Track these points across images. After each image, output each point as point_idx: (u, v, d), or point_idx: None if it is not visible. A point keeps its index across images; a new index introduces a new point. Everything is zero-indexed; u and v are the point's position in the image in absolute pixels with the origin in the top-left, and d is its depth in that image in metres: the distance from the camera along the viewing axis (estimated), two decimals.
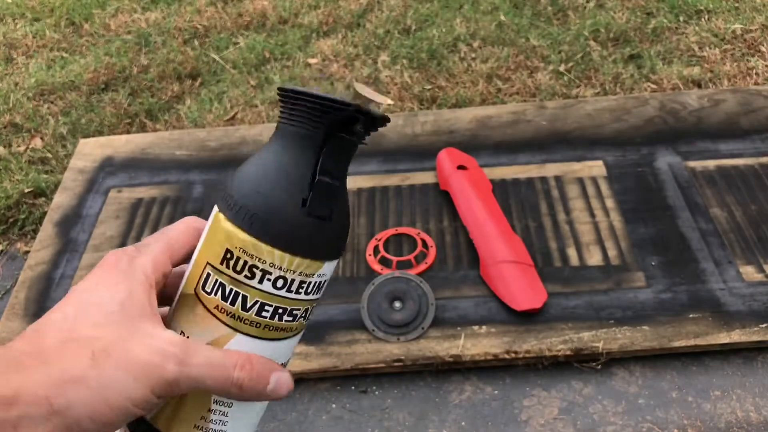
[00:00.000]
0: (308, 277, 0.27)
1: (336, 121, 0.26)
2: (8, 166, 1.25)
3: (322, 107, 0.26)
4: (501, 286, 0.88)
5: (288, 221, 0.26)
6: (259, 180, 0.26)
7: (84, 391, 0.24)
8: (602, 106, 1.18)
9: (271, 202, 0.26)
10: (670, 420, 0.78)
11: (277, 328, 0.28)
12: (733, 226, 0.95)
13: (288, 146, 0.27)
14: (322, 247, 0.27)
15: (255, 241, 0.26)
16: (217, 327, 0.27)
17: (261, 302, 0.27)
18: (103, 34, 1.62)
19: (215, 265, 0.27)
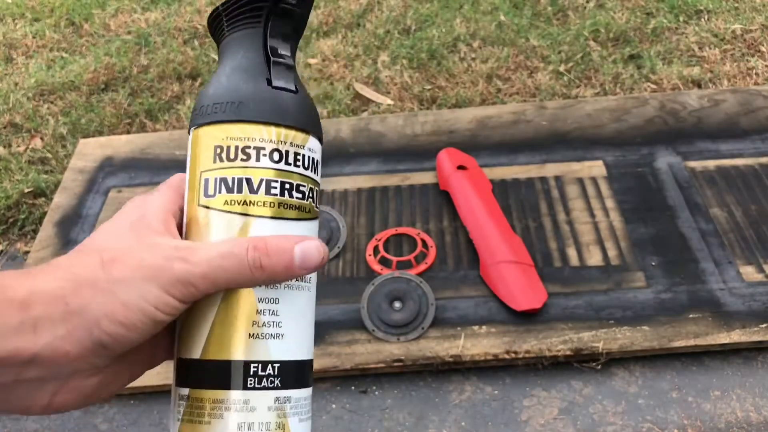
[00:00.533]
0: (299, 148, 0.28)
1: (268, 2, 0.28)
2: (8, 166, 1.25)
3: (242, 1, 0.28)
4: (501, 286, 0.88)
5: (260, 97, 0.28)
6: (223, 82, 0.28)
7: (98, 292, 0.24)
8: (602, 106, 1.18)
9: (241, 90, 0.28)
10: (670, 420, 0.78)
11: (290, 205, 0.28)
12: (733, 226, 0.95)
13: (236, 49, 0.29)
14: (300, 117, 0.28)
15: (238, 125, 0.27)
16: (232, 222, 0.27)
17: (266, 180, 0.27)
18: (103, 35, 1.62)
19: (209, 168, 0.28)
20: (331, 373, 0.84)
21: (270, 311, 0.27)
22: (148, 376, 0.87)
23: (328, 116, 1.29)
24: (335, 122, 1.22)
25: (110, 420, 0.82)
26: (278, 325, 0.27)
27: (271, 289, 0.27)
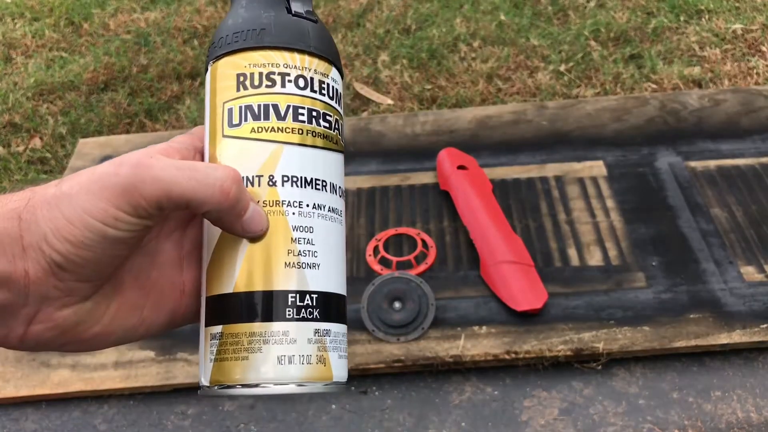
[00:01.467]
0: (324, 77, 0.28)
1: None
2: (7, 166, 1.25)
3: None
4: (501, 286, 0.88)
5: (282, 23, 0.27)
6: (242, 13, 0.27)
7: (45, 206, 0.23)
8: (602, 106, 1.18)
9: (262, 18, 0.27)
10: (670, 420, 0.78)
11: (318, 134, 0.27)
12: (734, 226, 0.95)
13: None
14: (321, 44, 0.28)
15: (261, 51, 0.27)
16: (261, 149, 0.26)
17: (293, 106, 0.26)
18: (102, 34, 1.62)
19: (232, 97, 0.27)
20: None
21: (305, 240, 0.26)
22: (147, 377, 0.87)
23: None
24: None
25: (109, 420, 0.82)
26: (314, 255, 0.26)
27: (305, 217, 0.26)
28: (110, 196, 0.22)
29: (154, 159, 0.23)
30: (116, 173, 0.23)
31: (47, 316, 0.24)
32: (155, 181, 0.23)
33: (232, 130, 0.26)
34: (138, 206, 0.23)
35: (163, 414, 0.82)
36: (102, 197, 0.22)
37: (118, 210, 0.23)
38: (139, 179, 0.23)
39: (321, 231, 0.27)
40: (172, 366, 0.83)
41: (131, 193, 0.23)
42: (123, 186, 0.23)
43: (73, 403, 0.83)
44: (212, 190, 0.23)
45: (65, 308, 0.24)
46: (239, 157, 0.26)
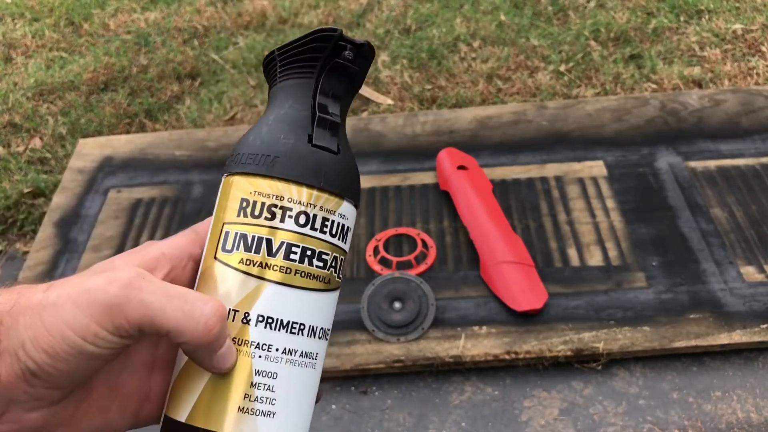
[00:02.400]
0: (330, 213, 0.26)
1: (324, 54, 0.27)
2: (7, 166, 1.25)
3: (308, 44, 0.27)
4: (501, 286, 0.88)
5: (297, 154, 0.26)
6: (263, 132, 0.27)
7: (28, 314, 0.23)
8: (603, 106, 1.18)
9: (279, 143, 0.26)
10: (670, 420, 0.78)
11: (308, 274, 0.26)
12: (734, 226, 0.95)
13: (284, 98, 0.27)
14: (336, 180, 0.27)
15: (269, 180, 0.26)
16: (245, 283, 0.25)
17: (287, 243, 0.26)
18: (102, 34, 1.62)
19: (232, 220, 0.26)
20: (331, 374, 0.83)
21: (266, 386, 0.25)
22: None
23: None
24: None
25: None
26: (272, 402, 0.25)
27: (271, 362, 0.25)
28: (95, 312, 0.22)
29: (145, 281, 0.23)
30: (105, 290, 0.22)
31: (14, 417, 0.24)
32: (142, 305, 0.23)
33: (224, 255, 0.26)
34: (120, 327, 0.23)
35: None
36: (86, 312, 0.22)
37: (99, 327, 0.22)
38: (125, 300, 0.22)
39: (286, 377, 0.26)
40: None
41: (116, 312, 0.22)
42: (109, 304, 0.22)
43: None
44: (196, 325, 0.23)
45: (33, 411, 0.24)
46: (224, 284, 0.26)
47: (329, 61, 0.27)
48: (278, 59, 0.27)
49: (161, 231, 1.03)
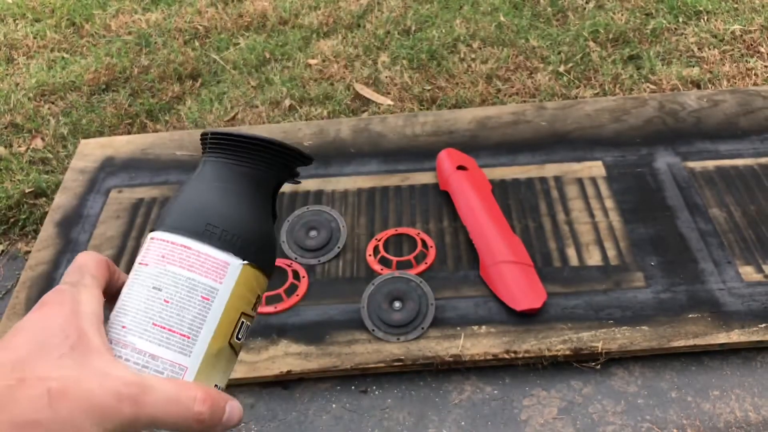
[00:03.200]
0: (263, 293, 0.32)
1: (290, 165, 0.32)
2: (9, 166, 1.26)
3: (280, 154, 0.31)
4: (501, 286, 0.88)
5: (273, 253, 0.32)
6: (254, 225, 0.31)
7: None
8: (602, 107, 1.18)
9: (267, 243, 0.31)
10: (669, 420, 0.78)
11: (241, 347, 0.31)
12: (732, 226, 0.95)
13: (253, 189, 0.31)
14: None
15: (265, 277, 0.31)
16: (232, 361, 0.30)
17: (248, 325, 0.30)
18: (103, 35, 1.63)
19: (248, 312, 0.30)
20: (331, 373, 0.84)
21: None
22: None
23: (329, 116, 1.30)
24: (335, 122, 1.22)
25: None
26: None
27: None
28: (109, 428, 0.24)
29: (148, 395, 0.25)
30: (119, 409, 0.24)
31: None
32: (148, 417, 0.25)
33: (236, 342, 0.30)
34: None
35: None
36: (102, 428, 0.24)
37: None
38: (139, 415, 0.24)
39: None
40: None
41: (128, 427, 0.24)
42: (122, 422, 0.24)
43: None
44: (192, 421, 0.26)
45: None
46: (229, 367, 0.30)
47: (287, 174, 0.33)
48: (250, 144, 0.31)
49: None
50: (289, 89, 1.37)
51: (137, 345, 0.26)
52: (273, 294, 0.90)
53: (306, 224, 1.00)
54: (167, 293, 0.27)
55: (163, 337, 0.27)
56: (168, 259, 0.28)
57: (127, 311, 0.28)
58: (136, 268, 0.30)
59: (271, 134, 1.21)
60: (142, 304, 0.27)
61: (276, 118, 1.32)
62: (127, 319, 0.27)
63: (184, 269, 0.28)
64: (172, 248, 0.28)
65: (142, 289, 0.28)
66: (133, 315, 0.27)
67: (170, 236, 0.28)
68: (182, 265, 0.28)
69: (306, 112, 1.32)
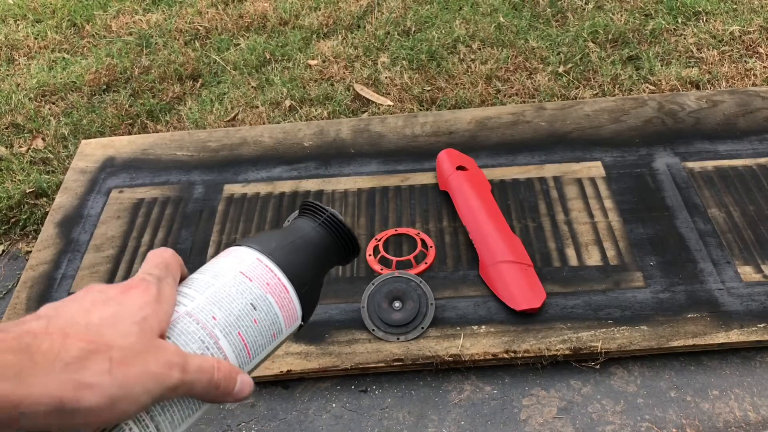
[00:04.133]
0: None
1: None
2: (10, 166, 1.26)
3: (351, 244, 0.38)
4: (500, 286, 0.88)
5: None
6: (317, 298, 0.37)
7: (95, 398, 0.25)
8: (601, 107, 1.19)
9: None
10: (668, 419, 0.79)
11: None
12: (731, 226, 0.96)
13: (325, 269, 0.38)
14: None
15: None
16: None
17: None
18: (104, 36, 1.63)
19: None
20: (331, 373, 0.84)
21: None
22: None
23: (329, 117, 1.30)
24: (335, 123, 1.22)
25: None
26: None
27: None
28: (157, 394, 0.27)
29: (189, 364, 0.29)
30: (169, 375, 0.28)
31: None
32: (186, 384, 0.28)
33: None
34: (168, 398, 0.29)
35: None
36: (153, 395, 0.27)
37: (153, 402, 0.28)
38: (182, 381, 0.28)
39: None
40: None
41: (172, 392, 0.28)
42: (169, 387, 0.28)
43: None
44: (213, 387, 0.30)
45: None
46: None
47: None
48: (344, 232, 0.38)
49: (163, 231, 1.04)
50: (290, 90, 1.38)
51: (220, 341, 0.31)
52: None
53: None
54: (259, 316, 0.32)
55: (238, 347, 0.31)
56: (270, 289, 0.33)
57: (221, 306, 0.31)
58: (237, 276, 0.33)
59: (272, 134, 1.21)
60: (236, 311, 0.32)
61: (276, 118, 1.32)
62: (220, 314, 0.31)
63: (277, 306, 0.33)
64: (276, 283, 0.33)
65: (240, 298, 0.32)
66: (226, 314, 0.31)
67: (277, 270, 0.34)
68: (278, 302, 0.33)
69: (306, 112, 1.32)
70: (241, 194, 1.09)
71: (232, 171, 1.14)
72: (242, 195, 1.09)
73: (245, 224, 1.03)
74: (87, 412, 0.25)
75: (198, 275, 0.33)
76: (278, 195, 1.08)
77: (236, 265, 0.33)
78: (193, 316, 0.30)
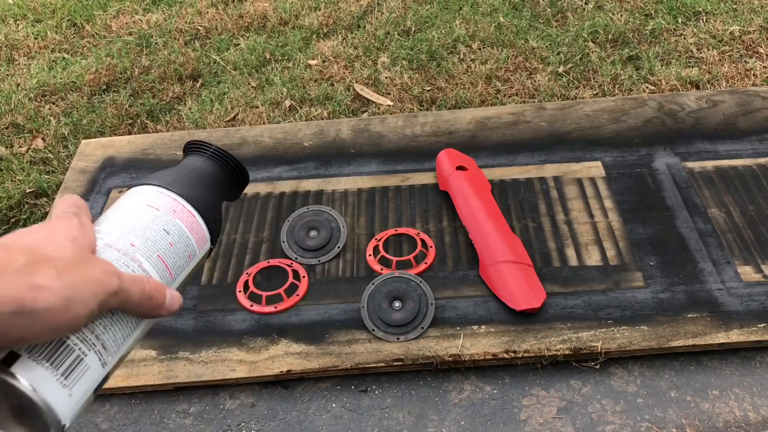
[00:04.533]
0: None
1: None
2: (10, 166, 1.26)
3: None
4: (500, 286, 0.88)
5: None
6: (221, 222, 0.43)
7: (52, 298, 0.28)
8: (601, 107, 1.19)
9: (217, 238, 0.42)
10: (668, 419, 0.79)
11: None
12: (731, 226, 0.96)
13: (226, 196, 0.43)
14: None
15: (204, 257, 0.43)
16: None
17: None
18: (104, 35, 1.63)
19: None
20: (331, 372, 0.84)
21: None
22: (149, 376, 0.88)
23: (329, 117, 1.30)
24: (335, 123, 1.22)
25: (111, 419, 0.82)
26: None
27: None
28: (102, 298, 0.31)
29: (125, 274, 0.32)
30: (109, 281, 0.31)
31: None
32: (123, 291, 0.32)
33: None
34: (108, 305, 0.32)
35: (165, 412, 0.82)
36: (98, 298, 0.31)
37: (98, 307, 0.31)
38: (120, 288, 0.32)
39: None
40: (174, 365, 0.84)
41: (112, 298, 0.32)
42: (111, 292, 0.31)
43: None
44: (146, 297, 0.34)
45: None
46: None
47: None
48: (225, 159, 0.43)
49: None
50: (290, 90, 1.38)
51: (143, 264, 0.34)
52: (273, 294, 0.90)
53: (306, 224, 1.00)
54: (173, 239, 0.36)
55: (160, 268, 0.35)
56: (178, 215, 0.37)
57: (137, 235, 0.35)
58: (144, 207, 0.36)
59: (272, 134, 1.21)
60: (152, 236, 0.35)
61: (276, 118, 1.32)
62: (138, 241, 0.34)
63: (187, 229, 0.37)
64: (182, 209, 0.37)
65: (153, 226, 0.35)
66: (143, 241, 0.35)
67: (180, 199, 0.37)
68: (187, 225, 0.37)
69: (306, 112, 1.32)
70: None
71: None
72: (242, 195, 1.09)
73: (245, 224, 1.03)
74: (44, 312, 0.27)
75: (106, 216, 0.37)
76: (278, 195, 1.08)
77: (142, 200, 0.37)
78: (113, 246, 0.34)
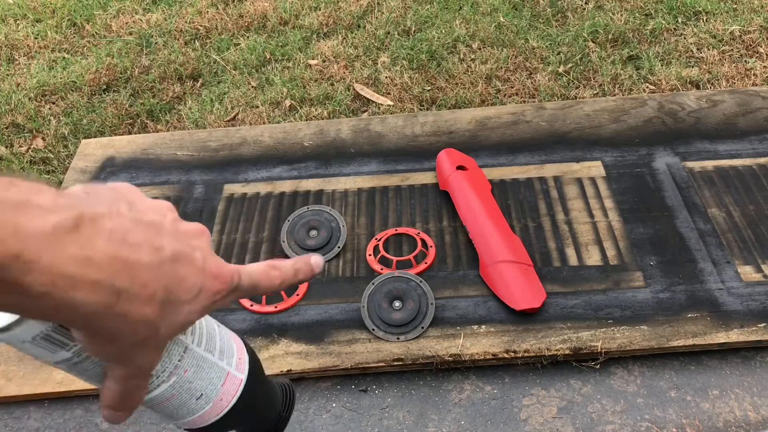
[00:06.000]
0: None
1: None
2: (10, 166, 1.26)
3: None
4: (500, 285, 0.88)
5: None
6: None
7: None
8: (601, 107, 1.19)
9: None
10: (668, 419, 0.79)
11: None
12: (731, 226, 0.96)
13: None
14: None
15: None
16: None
17: None
18: (104, 35, 1.63)
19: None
20: (332, 372, 0.84)
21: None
22: None
23: (329, 116, 1.30)
24: (335, 123, 1.22)
25: None
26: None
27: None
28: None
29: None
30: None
31: None
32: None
33: None
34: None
35: None
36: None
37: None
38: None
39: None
40: None
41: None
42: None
43: (75, 402, 0.84)
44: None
45: None
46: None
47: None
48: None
49: None
50: (290, 89, 1.38)
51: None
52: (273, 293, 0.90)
53: (306, 224, 1.00)
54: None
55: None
56: (229, 381, 0.40)
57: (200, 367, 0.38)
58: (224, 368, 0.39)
59: (272, 134, 1.21)
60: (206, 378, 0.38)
61: (276, 118, 1.32)
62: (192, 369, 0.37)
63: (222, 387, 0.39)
64: (234, 379, 0.39)
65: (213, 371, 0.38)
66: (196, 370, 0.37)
67: (240, 388, 0.39)
68: (230, 389, 0.39)
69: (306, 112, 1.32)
70: (241, 194, 1.09)
71: (232, 171, 1.14)
72: (242, 195, 1.09)
73: (245, 224, 1.03)
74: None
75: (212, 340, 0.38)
76: (278, 195, 1.08)
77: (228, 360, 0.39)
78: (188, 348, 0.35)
